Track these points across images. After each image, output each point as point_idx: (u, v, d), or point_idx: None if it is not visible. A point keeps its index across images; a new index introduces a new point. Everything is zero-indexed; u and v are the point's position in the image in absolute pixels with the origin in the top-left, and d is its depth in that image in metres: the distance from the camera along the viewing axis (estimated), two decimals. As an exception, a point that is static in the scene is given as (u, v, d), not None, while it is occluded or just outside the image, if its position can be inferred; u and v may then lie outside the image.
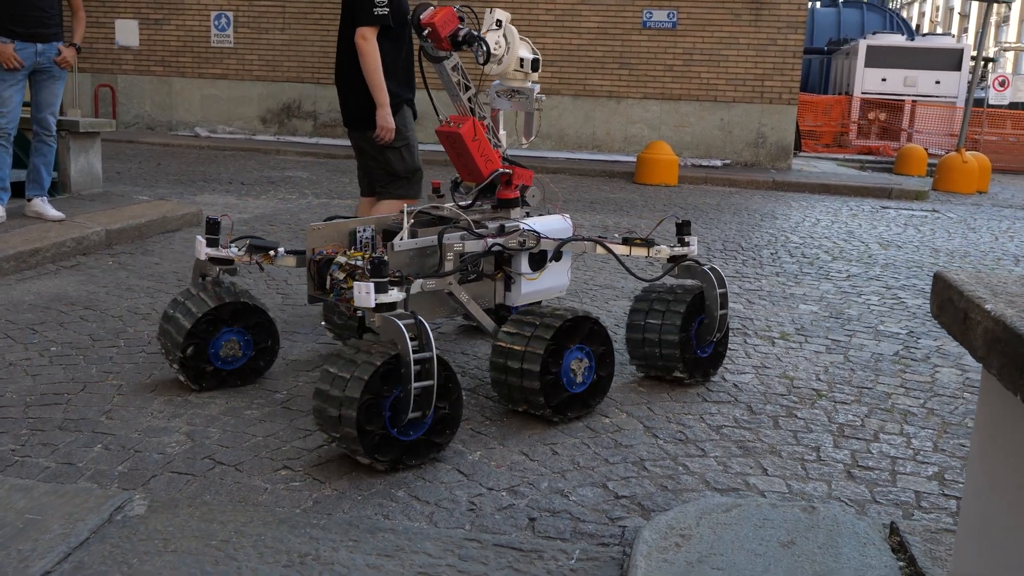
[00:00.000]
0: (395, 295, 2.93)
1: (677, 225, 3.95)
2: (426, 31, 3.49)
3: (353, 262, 3.21)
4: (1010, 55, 48.76)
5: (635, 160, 13.04)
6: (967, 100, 14.75)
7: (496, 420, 3.39)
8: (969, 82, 24.57)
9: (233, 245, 3.58)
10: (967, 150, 14.85)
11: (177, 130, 16.70)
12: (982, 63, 26.97)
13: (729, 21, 14.61)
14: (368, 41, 4.48)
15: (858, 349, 4.63)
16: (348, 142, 5.08)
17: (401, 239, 3.33)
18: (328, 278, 3.28)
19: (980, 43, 14.97)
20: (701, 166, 14.43)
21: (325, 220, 3.56)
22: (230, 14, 16.41)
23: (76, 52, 6.22)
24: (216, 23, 16.48)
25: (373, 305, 2.89)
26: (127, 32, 16.91)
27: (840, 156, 20.10)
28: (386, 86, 4.57)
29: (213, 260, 3.56)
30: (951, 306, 1.73)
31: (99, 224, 6.32)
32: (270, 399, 3.52)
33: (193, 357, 3.46)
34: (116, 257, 5.99)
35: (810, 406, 3.71)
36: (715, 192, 12.15)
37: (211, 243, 3.57)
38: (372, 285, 2.88)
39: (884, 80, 23.11)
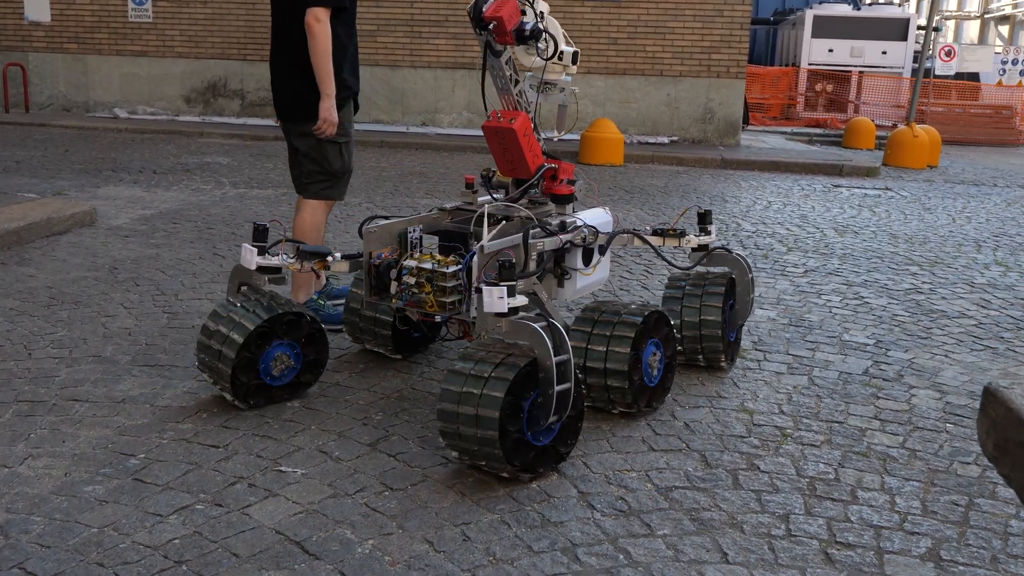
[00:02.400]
0: (521, 299, 2.88)
1: (699, 214, 4.04)
2: (491, 24, 3.33)
3: (424, 265, 3.13)
4: (951, 24, 48.96)
5: (578, 139, 12.43)
6: (917, 71, 14.36)
7: (399, 488, 2.79)
8: (918, 52, 24.38)
9: (282, 253, 3.42)
10: (916, 123, 14.50)
11: (95, 111, 15.69)
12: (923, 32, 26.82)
13: (674, -8, 14.03)
14: (322, 23, 4.03)
15: (823, 367, 4.10)
16: (278, 122, 4.46)
17: (483, 241, 3.13)
18: (393, 283, 3.22)
19: (931, 11, 14.57)
20: (648, 143, 13.89)
21: (365, 221, 3.46)
22: (147, -14, 15.42)
23: None
24: (133, -4, 15.48)
25: (506, 310, 2.83)
26: (37, 6, 15.80)
27: (788, 129, 19.71)
28: (339, 77, 4.19)
29: (261, 269, 3.35)
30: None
31: (-32, 229, 5.57)
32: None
33: (243, 374, 3.24)
34: (-14, 268, 5.26)
35: (774, 452, 3.16)
36: (662, 172, 11.61)
37: (260, 251, 3.39)
38: (505, 289, 2.82)
39: (831, 51, 22.75)
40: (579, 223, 3.56)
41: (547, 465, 2.89)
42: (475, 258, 3.03)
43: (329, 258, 3.44)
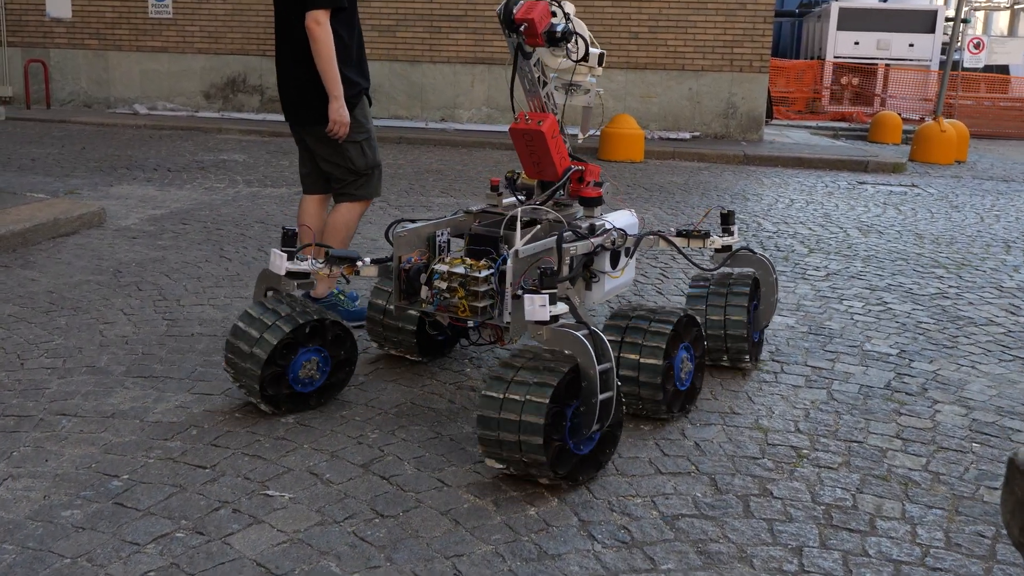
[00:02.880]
0: (562, 306, 2.87)
1: (722, 215, 4.04)
2: (522, 26, 3.29)
3: (455, 270, 3.08)
4: (979, 15, 48.16)
5: (598, 135, 12.26)
6: (946, 64, 14.05)
7: (390, 515, 2.66)
8: (946, 44, 23.97)
9: (311, 257, 3.41)
10: (944, 117, 14.19)
11: (115, 107, 15.69)
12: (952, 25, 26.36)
13: (696, -15, 13.80)
14: (322, 26, 3.98)
15: (843, 380, 3.93)
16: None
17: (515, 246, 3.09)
18: (423, 287, 3.20)
19: (960, 3, 14.25)
20: (669, 139, 13.69)
21: (391, 225, 3.51)
22: (166, -18, 15.38)
23: None
24: (152, -8, 15.44)
25: (548, 318, 2.82)
26: (58, 2, 15.81)
27: (813, 124, 19.40)
28: (342, 75, 4.11)
29: (290, 275, 3.35)
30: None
31: (-27, 231, 5.50)
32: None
33: (273, 382, 3.23)
34: (-11, 272, 5.19)
35: (788, 475, 3.00)
36: (683, 168, 11.42)
37: (289, 256, 3.37)
38: (547, 297, 2.81)
39: (857, 44, 22.41)
40: (608, 226, 3.53)
41: (587, 473, 2.89)
42: (509, 262, 3.00)
43: (359, 263, 3.42)
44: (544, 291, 2.82)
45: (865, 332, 4.66)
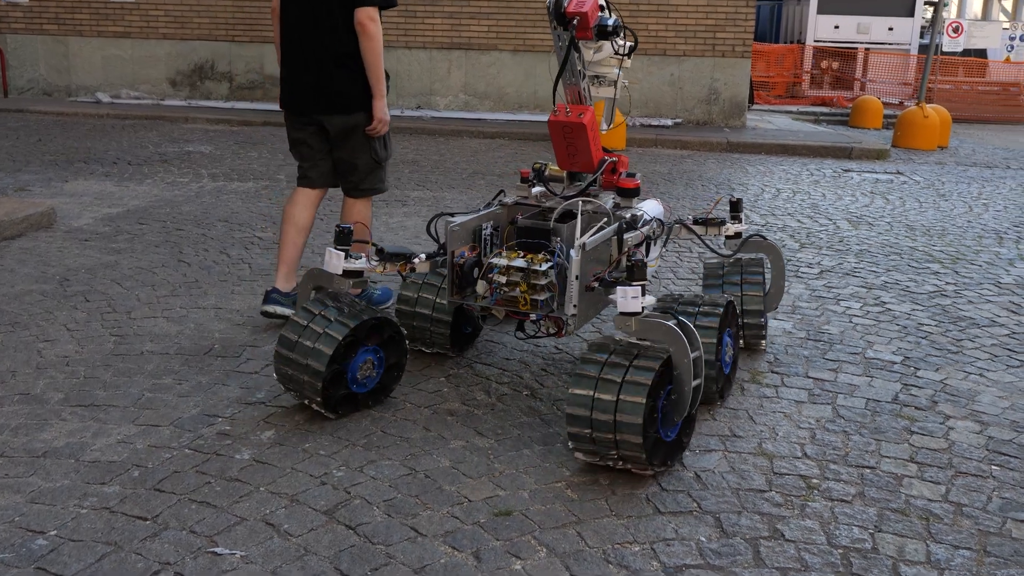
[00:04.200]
0: (651, 298, 2.91)
1: (731, 203, 4.14)
2: (575, 20, 3.33)
3: (515, 264, 3.12)
4: (955, -3, 48.09)
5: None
6: (928, 48, 13.82)
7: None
8: (924, 28, 23.79)
9: (366, 256, 3.38)
10: (925, 102, 13.97)
11: (77, 95, 15.17)
12: (932, 8, 26.17)
13: (676, -33, 13.47)
14: (375, 23, 4.00)
15: (848, 393, 3.65)
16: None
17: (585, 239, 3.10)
18: (480, 282, 3.21)
19: (942, -13, 14.00)
20: (651, 126, 13.37)
21: (433, 219, 3.59)
22: (129, -34, 14.86)
23: None
24: (114, -24, 14.91)
25: (640, 309, 2.86)
26: (16, -13, 15.26)
27: (794, 108, 19.15)
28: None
29: (347, 274, 3.31)
30: None
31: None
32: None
33: (332, 383, 3.14)
34: (-74, 280, 4.80)
35: (800, 512, 2.72)
36: (665, 157, 11.11)
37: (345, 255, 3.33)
38: (639, 289, 2.85)
39: (837, 27, 22.16)
40: (647, 216, 3.63)
41: (675, 457, 2.94)
42: (577, 256, 3.00)
43: (416, 259, 3.40)
44: (635, 283, 2.86)
45: (866, 337, 4.38)
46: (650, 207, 3.80)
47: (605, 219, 3.38)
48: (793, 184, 9.26)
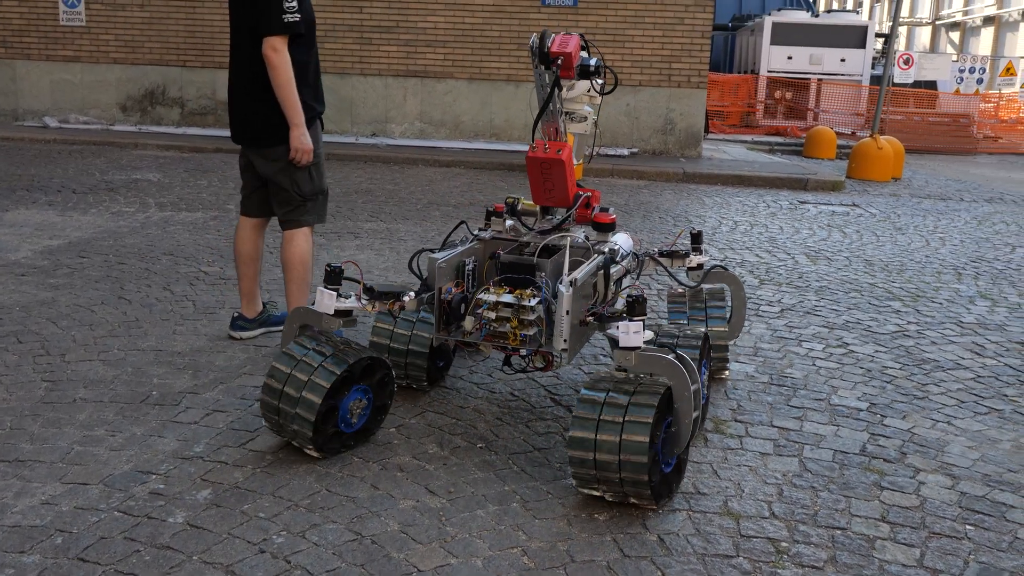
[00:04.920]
0: (649, 333, 2.95)
1: (692, 235, 4.27)
2: (559, 60, 3.39)
3: (504, 299, 3.14)
4: (903, 31, 49.19)
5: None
6: (882, 79, 13.97)
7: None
8: (876, 59, 24.20)
9: (352, 295, 3.34)
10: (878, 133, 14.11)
11: (24, 120, 14.79)
12: (883, 40, 26.64)
13: (633, -2, 13.50)
14: (279, 53, 3.93)
15: (814, 444, 3.53)
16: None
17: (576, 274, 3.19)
18: (469, 318, 3.23)
19: (895, 19, 14.20)
20: (607, 155, 13.34)
21: (414, 256, 3.62)
22: (78, -12, 14.56)
23: None
24: (64, -1, 14.60)
25: (641, 344, 2.91)
26: (-40, 8, 14.87)
27: (748, 138, 19.31)
28: (303, 99, 4.08)
29: (338, 313, 3.28)
30: None
31: None
32: None
33: (325, 419, 3.10)
34: None
35: (769, 580, 2.58)
36: (622, 187, 11.07)
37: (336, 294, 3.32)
38: (640, 324, 2.91)
39: (790, 58, 22.44)
40: (624, 250, 3.75)
41: (674, 488, 2.99)
42: (568, 291, 3.05)
43: (405, 297, 3.36)
44: (636, 318, 2.92)
45: (830, 381, 4.29)
46: (622, 240, 3.88)
47: (585, 253, 3.53)
48: (750, 216, 9.24)
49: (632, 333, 2.90)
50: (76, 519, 2.74)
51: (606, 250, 3.59)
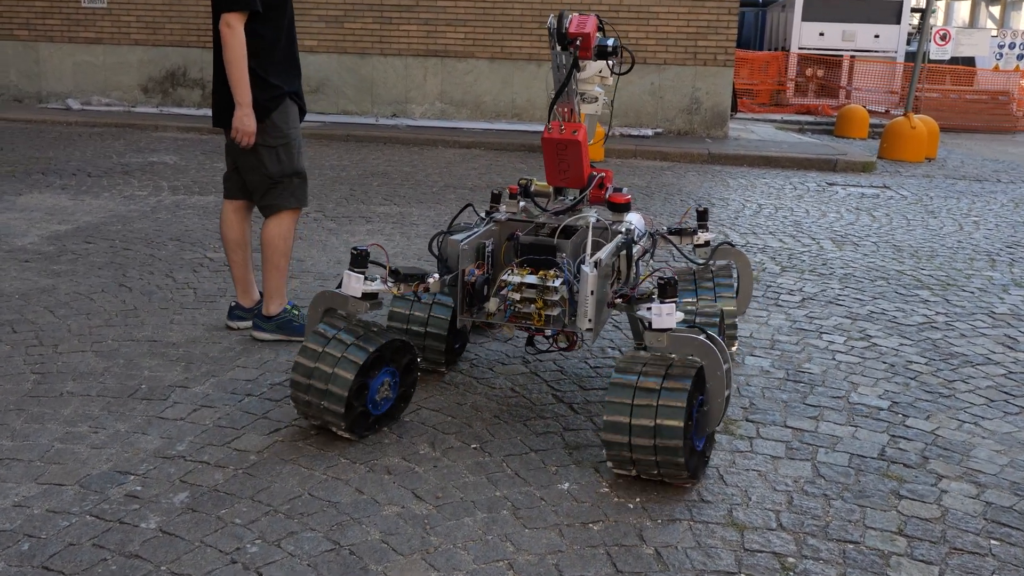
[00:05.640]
0: (680, 314, 2.98)
1: (698, 212, 4.27)
2: (577, 40, 3.45)
3: (528, 280, 3.20)
4: (941, 5, 48.09)
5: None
6: (915, 56, 13.57)
7: None
8: (911, 35, 23.62)
9: (378, 277, 3.31)
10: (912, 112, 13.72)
11: (47, 102, 14.80)
12: (919, 15, 25.99)
13: (659, -26, 13.20)
14: (232, 29, 3.80)
15: (829, 447, 3.34)
16: None
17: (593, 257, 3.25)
18: (493, 299, 3.29)
19: (929, -6, 13.77)
20: (631, 136, 13.09)
21: (434, 238, 3.51)
22: (99, -31, 14.49)
23: None
24: (84, -20, 14.53)
25: (674, 325, 2.94)
26: (-17, -10, 14.87)
27: (778, 117, 18.94)
28: (264, 80, 3.95)
29: (365, 296, 3.25)
30: None
31: None
32: None
33: (356, 399, 3.10)
34: None
35: (772, 599, 2.40)
36: (645, 169, 10.83)
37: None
38: (673, 305, 2.94)
39: (822, 35, 21.97)
40: (640, 230, 3.78)
41: (703, 465, 3.01)
42: (592, 272, 3.11)
43: (430, 279, 3.34)
44: (668, 300, 2.94)
45: (850, 377, 4.08)
46: (635, 220, 3.88)
47: (602, 233, 3.57)
48: (775, 199, 8.98)
49: (665, 315, 2.93)
50: (46, 523, 2.62)
51: (622, 230, 3.60)
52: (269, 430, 3.28)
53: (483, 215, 3.78)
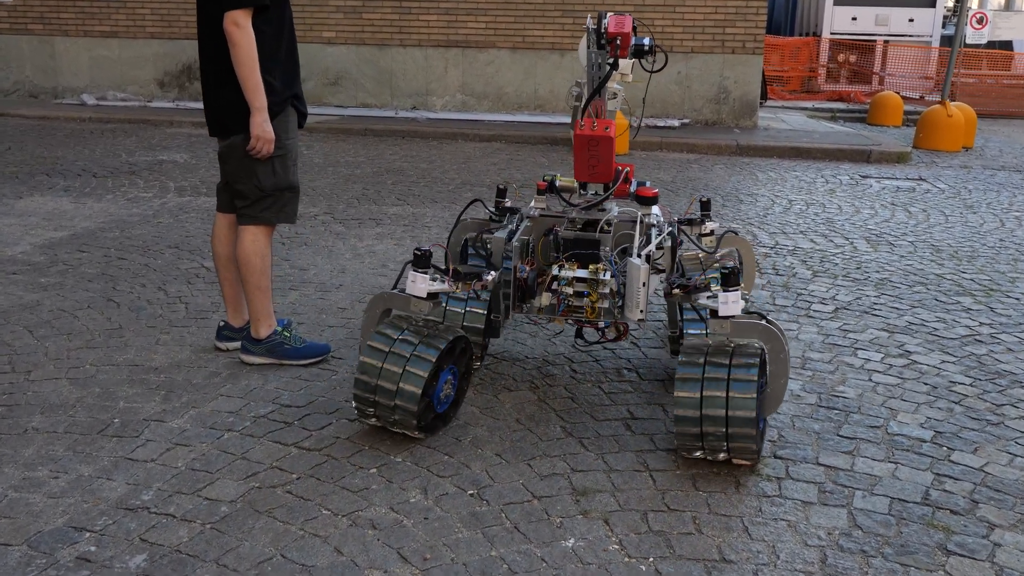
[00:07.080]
0: (742, 302, 3.05)
1: (701, 203, 4.34)
2: (617, 40, 3.53)
3: (580, 275, 3.37)
4: (978, -15, 46.91)
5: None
6: (953, 41, 13.03)
7: None
8: (946, 18, 22.93)
9: (437, 275, 3.32)
10: (949, 100, 13.19)
11: (63, 97, 14.63)
12: (956, -3, 25.24)
13: (684, -41, 12.75)
14: (242, 28, 3.46)
15: (867, 490, 2.99)
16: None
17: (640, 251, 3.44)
18: (546, 294, 3.48)
19: (966, -23, 13.21)
20: (656, 127, 12.69)
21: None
22: (113, -38, 14.27)
23: None
24: (98, -27, 14.33)
25: (740, 312, 3.03)
26: (-1, -15, 14.72)
27: (809, 105, 18.40)
28: (267, 83, 3.60)
29: (430, 296, 3.28)
30: None
31: None
32: None
33: (425, 396, 3.11)
34: None
35: None
36: (671, 162, 10.44)
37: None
38: (737, 293, 3.02)
39: (854, 19, 21.34)
40: (667, 224, 3.86)
41: (761, 450, 3.10)
42: (644, 266, 3.29)
43: (488, 276, 3.37)
44: (732, 288, 3.02)
45: (888, 401, 3.72)
46: (658, 213, 3.99)
47: (633, 226, 3.70)
48: (807, 194, 8.57)
49: (731, 303, 3.03)
50: (10, 571, 2.35)
51: (654, 223, 3.76)
52: (246, 474, 2.98)
53: (492, 210, 3.87)
